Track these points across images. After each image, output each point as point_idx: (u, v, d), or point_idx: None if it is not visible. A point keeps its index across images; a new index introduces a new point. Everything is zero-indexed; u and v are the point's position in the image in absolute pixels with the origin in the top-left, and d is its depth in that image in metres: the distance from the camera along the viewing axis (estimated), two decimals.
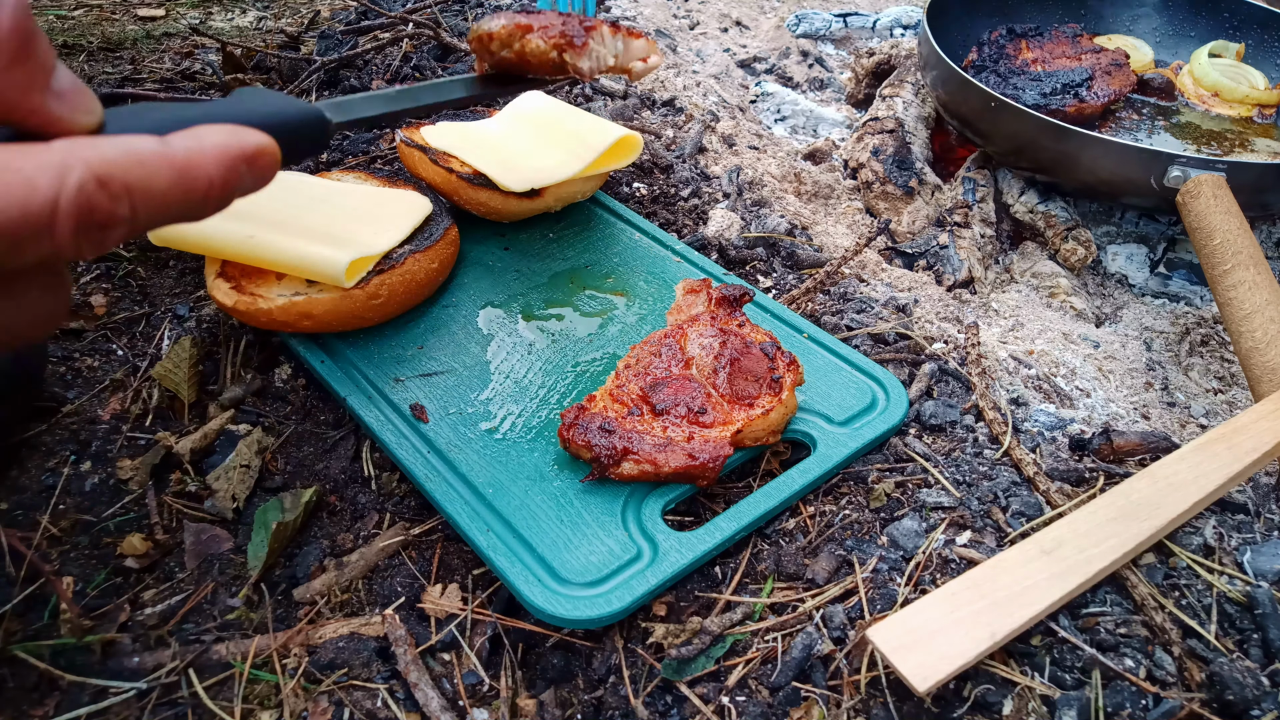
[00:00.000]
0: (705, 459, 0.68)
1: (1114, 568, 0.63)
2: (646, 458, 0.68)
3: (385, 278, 0.82)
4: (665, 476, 0.69)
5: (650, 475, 0.68)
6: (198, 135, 0.38)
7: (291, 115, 0.48)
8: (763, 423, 0.72)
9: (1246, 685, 0.58)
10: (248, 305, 0.79)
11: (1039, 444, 0.79)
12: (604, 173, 1.01)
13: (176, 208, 0.37)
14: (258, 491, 0.75)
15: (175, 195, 0.36)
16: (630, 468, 0.68)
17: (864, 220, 1.20)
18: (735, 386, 0.74)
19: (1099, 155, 1.03)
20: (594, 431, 0.69)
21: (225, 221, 0.79)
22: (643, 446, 0.69)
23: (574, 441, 0.69)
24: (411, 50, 1.45)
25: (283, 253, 0.80)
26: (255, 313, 0.79)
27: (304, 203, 0.87)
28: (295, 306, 0.79)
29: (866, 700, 0.59)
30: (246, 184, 0.40)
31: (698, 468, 0.68)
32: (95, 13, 1.73)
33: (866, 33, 1.69)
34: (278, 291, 0.81)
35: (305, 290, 0.81)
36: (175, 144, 0.37)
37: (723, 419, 0.72)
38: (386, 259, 0.83)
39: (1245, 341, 0.81)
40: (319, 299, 0.80)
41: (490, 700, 0.61)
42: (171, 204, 0.36)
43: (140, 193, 0.35)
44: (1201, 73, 1.33)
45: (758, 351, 0.76)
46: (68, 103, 0.36)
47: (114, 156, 0.34)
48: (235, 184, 0.39)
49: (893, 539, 0.69)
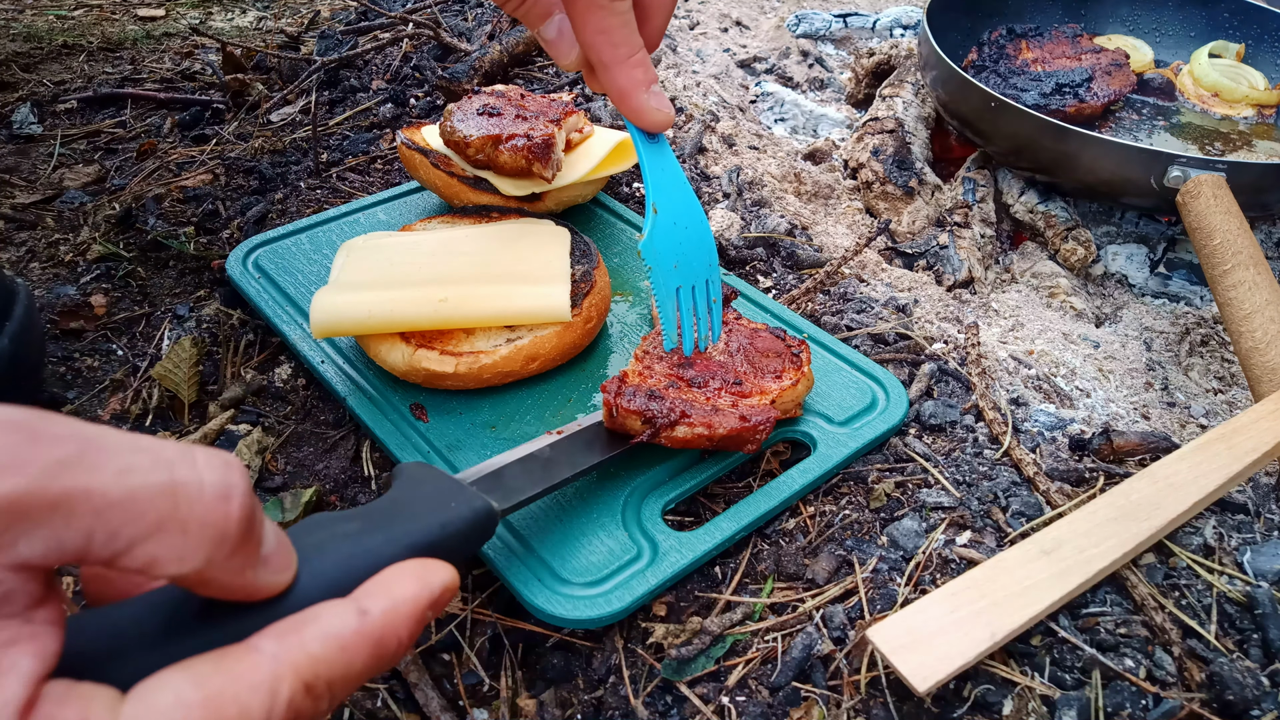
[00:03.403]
0: (757, 421, 0.69)
1: (1114, 568, 0.63)
2: (701, 421, 0.69)
3: (589, 299, 0.81)
4: (717, 440, 0.69)
5: (702, 439, 0.69)
6: (390, 592, 0.37)
7: (465, 519, 0.47)
8: (792, 393, 0.74)
9: (1246, 685, 0.58)
10: (470, 366, 0.76)
11: (1039, 444, 0.79)
12: (605, 176, 1.01)
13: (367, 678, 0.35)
14: (258, 491, 0.75)
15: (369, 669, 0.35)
16: (685, 431, 0.68)
17: (864, 220, 1.20)
18: (756, 365, 0.76)
19: (1099, 155, 1.03)
20: (643, 398, 0.69)
21: (401, 291, 0.77)
22: (695, 411, 0.69)
23: (623, 409, 0.68)
24: (411, 50, 1.45)
25: (491, 307, 0.77)
26: (478, 371, 0.76)
27: (463, 254, 0.83)
28: (521, 352, 0.77)
29: (866, 700, 0.59)
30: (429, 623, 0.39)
31: (750, 429, 0.69)
32: (95, 13, 1.73)
33: (866, 33, 1.69)
34: (480, 345, 0.78)
35: (518, 334, 0.78)
36: (373, 611, 0.35)
37: (758, 390, 0.74)
38: (578, 281, 0.83)
39: (1245, 341, 0.81)
40: (544, 337, 0.78)
41: (490, 700, 0.61)
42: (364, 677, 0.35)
43: (340, 681, 0.34)
44: (1201, 73, 1.33)
45: (766, 334, 0.79)
46: (271, 568, 0.34)
47: (319, 653, 0.33)
48: (420, 631, 0.38)
49: (893, 539, 0.69)
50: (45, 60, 1.50)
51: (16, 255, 1.01)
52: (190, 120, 1.30)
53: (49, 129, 1.29)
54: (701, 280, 0.74)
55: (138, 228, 1.03)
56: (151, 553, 0.29)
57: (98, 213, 1.06)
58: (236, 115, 1.32)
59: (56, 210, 1.10)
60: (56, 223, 1.07)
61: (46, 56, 1.51)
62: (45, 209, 1.10)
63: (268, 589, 0.34)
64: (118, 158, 1.22)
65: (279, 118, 1.31)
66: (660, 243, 0.71)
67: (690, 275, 0.73)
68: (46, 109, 1.34)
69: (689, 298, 0.74)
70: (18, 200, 1.12)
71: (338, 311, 0.76)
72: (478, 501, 0.48)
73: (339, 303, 0.76)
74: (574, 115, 1.01)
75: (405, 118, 1.28)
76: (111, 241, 1.01)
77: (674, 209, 0.72)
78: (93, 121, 1.31)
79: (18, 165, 1.20)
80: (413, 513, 0.44)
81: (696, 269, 0.74)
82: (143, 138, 1.26)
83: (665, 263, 0.72)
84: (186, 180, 1.14)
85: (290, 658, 0.32)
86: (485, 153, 0.92)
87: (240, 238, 1.02)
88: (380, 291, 0.77)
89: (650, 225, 0.71)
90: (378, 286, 0.78)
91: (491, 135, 0.91)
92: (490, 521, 0.50)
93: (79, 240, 1.02)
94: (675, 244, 0.72)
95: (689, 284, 0.74)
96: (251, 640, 0.33)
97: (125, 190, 1.12)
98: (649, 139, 0.70)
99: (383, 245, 0.84)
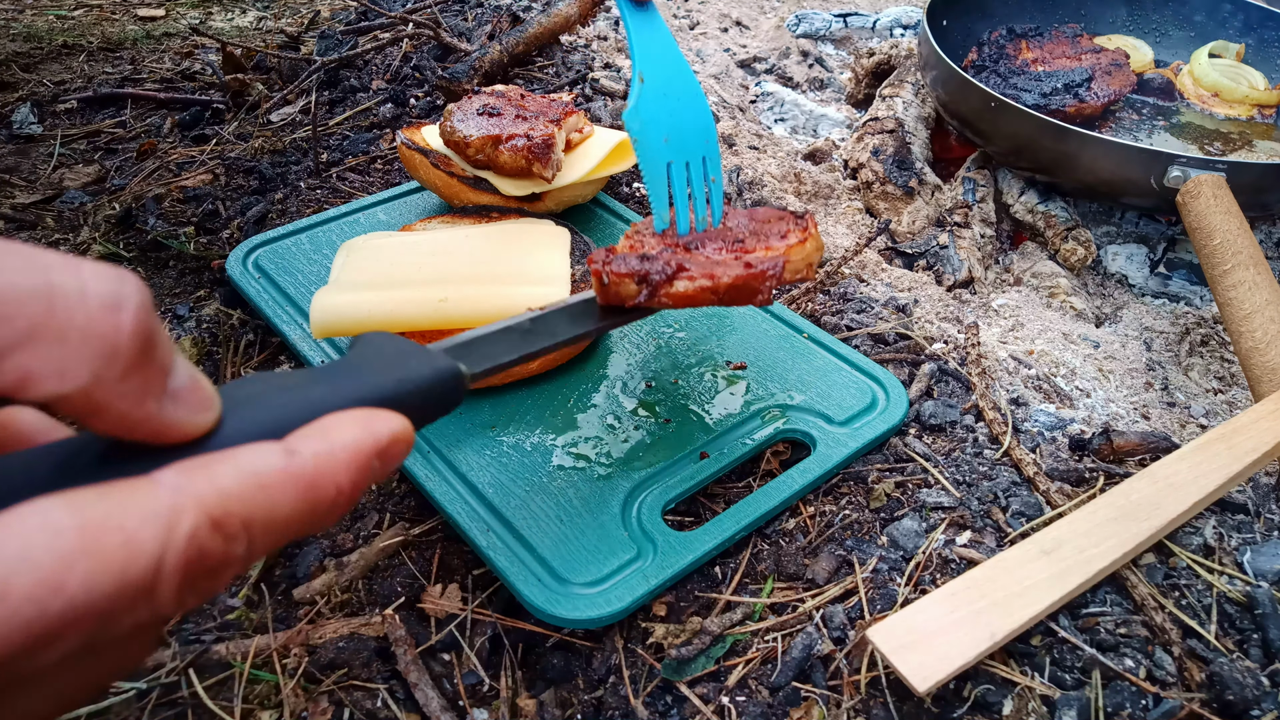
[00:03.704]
0: (765, 267, 0.63)
1: (1114, 568, 0.63)
2: (702, 273, 0.62)
3: None
4: (724, 291, 0.62)
5: (706, 292, 0.62)
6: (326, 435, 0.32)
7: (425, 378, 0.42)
8: (801, 250, 0.67)
9: (1246, 685, 0.58)
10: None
11: (1039, 444, 0.79)
12: (605, 176, 1.01)
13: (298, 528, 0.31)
14: None
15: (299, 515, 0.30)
16: (685, 285, 0.62)
17: (864, 220, 1.20)
18: (759, 232, 0.70)
19: (1099, 155, 1.03)
20: (635, 260, 0.62)
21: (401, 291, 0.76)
22: (694, 265, 0.63)
23: (614, 273, 0.62)
24: (411, 50, 1.45)
25: (491, 308, 0.76)
26: None
27: (463, 254, 0.83)
28: None
29: (866, 700, 0.59)
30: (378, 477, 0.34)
31: (758, 275, 0.62)
32: (95, 13, 1.73)
33: (866, 33, 1.69)
34: None
35: None
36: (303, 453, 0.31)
37: (764, 247, 0.67)
38: (578, 282, 0.82)
39: (1245, 341, 0.81)
40: None
41: (490, 700, 0.61)
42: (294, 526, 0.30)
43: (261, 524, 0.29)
44: (1201, 73, 1.33)
45: (766, 209, 0.73)
46: (184, 404, 0.30)
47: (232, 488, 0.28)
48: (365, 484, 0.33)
49: (893, 539, 0.69)
50: (45, 60, 1.50)
51: None
52: (190, 120, 1.30)
53: (49, 129, 1.29)
54: (697, 157, 0.68)
55: (138, 228, 1.03)
56: (24, 365, 0.25)
57: (98, 213, 1.06)
58: (236, 115, 1.32)
59: (56, 210, 1.10)
60: (56, 223, 1.07)
61: (46, 56, 1.51)
62: (45, 209, 1.10)
63: (180, 428, 0.30)
64: (118, 158, 1.22)
65: (279, 118, 1.31)
66: (647, 113, 0.66)
67: (684, 151, 0.67)
68: (46, 109, 1.34)
69: (683, 174, 0.68)
70: (18, 200, 1.12)
71: (338, 311, 0.76)
72: (442, 362, 0.44)
73: (339, 303, 0.76)
74: (574, 115, 1.01)
75: (405, 118, 1.28)
76: (111, 241, 1.01)
77: (664, 78, 0.66)
78: (93, 121, 1.31)
79: (18, 165, 1.20)
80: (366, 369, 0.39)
81: (691, 144, 0.68)
82: (143, 138, 1.26)
83: (653, 135, 0.66)
84: (186, 180, 1.14)
85: (195, 489, 0.28)
86: (485, 153, 0.92)
87: (240, 238, 1.02)
88: (380, 291, 0.77)
89: (636, 94, 0.65)
90: (378, 286, 0.78)
91: (491, 135, 0.92)
92: (456, 384, 0.45)
93: (79, 240, 1.02)
94: (665, 115, 0.66)
95: (682, 160, 0.68)
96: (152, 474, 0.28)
97: (125, 190, 1.12)
98: (636, 4, 0.66)
99: (383, 245, 0.84)
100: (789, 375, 0.82)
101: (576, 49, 1.45)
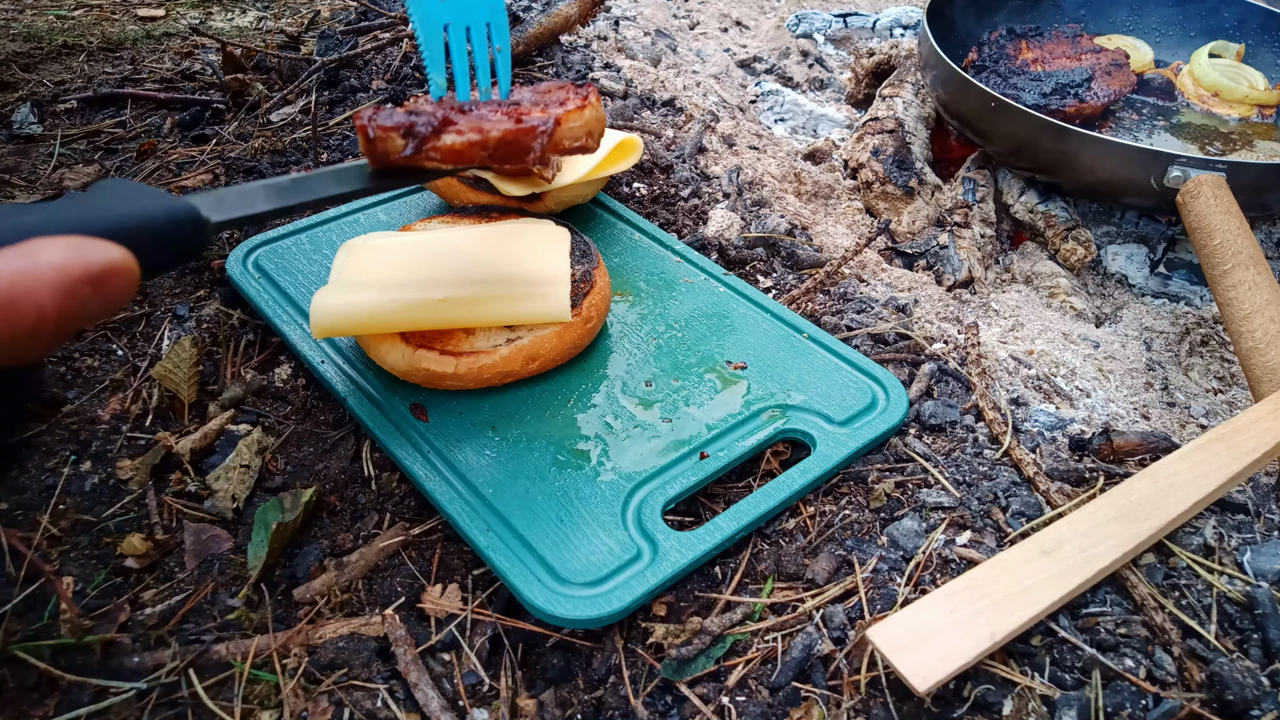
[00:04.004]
0: (535, 123, 0.63)
1: (1114, 568, 0.63)
2: (471, 127, 0.62)
3: (589, 299, 0.81)
4: (494, 147, 0.63)
5: (475, 147, 0.62)
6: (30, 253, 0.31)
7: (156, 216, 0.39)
8: (578, 117, 0.67)
9: (1246, 685, 0.58)
10: (470, 366, 0.76)
11: (1039, 444, 0.79)
12: (605, 176, 1.01)
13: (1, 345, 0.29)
14: (258, 491, 0.75)
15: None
16: (453, 139, 0.62)
17: (864, 220, 1.20)
18: (539, 101, 0.69)
19: (1099, 155, 1.03)
20: (402, 114, 0.61)
21: (401, 291, 0.76)
22: (463, 120, 0.63)
23: (380, 126, 0.61)
24: (411, 50, 1.45)
25: (491, 308, 0.76)
26: (479, 371, 0.76)
27: (463, 254, 0.83)
28: (521, 352, 0.77)
29: (866, 700, 0.59)
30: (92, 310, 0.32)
31: (527, 132, 0.63)
32: (95, 13, 1.73)
33: (866, 33, 1.69)
34: (481, 344, 0.77)
35: (518, 334, 0.78)
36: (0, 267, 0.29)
37: (540, 112, 0.67)
38: (577, 281, 0.82)
39: (1245, 341, 0.81)
40: (544, 338, 0.77)
41: (490, 700, 0.61)
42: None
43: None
44: (1201, 73, 1.33)
45: (549, 82, 0.72)
46: None
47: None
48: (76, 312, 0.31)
49: (893, 539, 0.69)
50: (45, 60, 1.50)
51: None
52: (190, 120, 1.30)
53: (49, 129, 1.29)
54: (480, 21, 0.66)
55: None
56: None
57: None
58: (236, 115, 1.32)
59: None
60: None
61: (46, 56, 1.51)
62: None
63: None
64: (118, 158, 1.22)
65: (279, 118, 1.31)
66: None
67: (464, 13, 0.65)
68: (46, 109, 1.34)
69: (463, 41, 0.66)
70: (18, 200, 1.12)
71: (338, 311, 0.76)
72: (176, 203, 0.41)
73: (339, 303, 0.76)
74: None
75: None
76: None
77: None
78: (93, 121, 1.31)
79: (18, 165, 1.20)
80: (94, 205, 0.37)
81: (474, 6, 0.66)
82: (143, 138, 1.26)
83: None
84: (186, 180, 1.14)
85: None
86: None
87: (240, 238, 1.02)
88: (380, 291, 0.77)
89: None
90: (378, 286, 0.78)
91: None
92: (194, 227, 0.42)
93: None
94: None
95: (462, 24, 0.66)
96: None
97: None
98: None
99: (383, 245, 0.84)
100: (789, 375, 0.82)
101: (576, 49, 1.45)
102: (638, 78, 1.38)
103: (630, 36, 1.52)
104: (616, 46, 1.49)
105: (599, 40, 1.49)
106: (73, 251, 0.32)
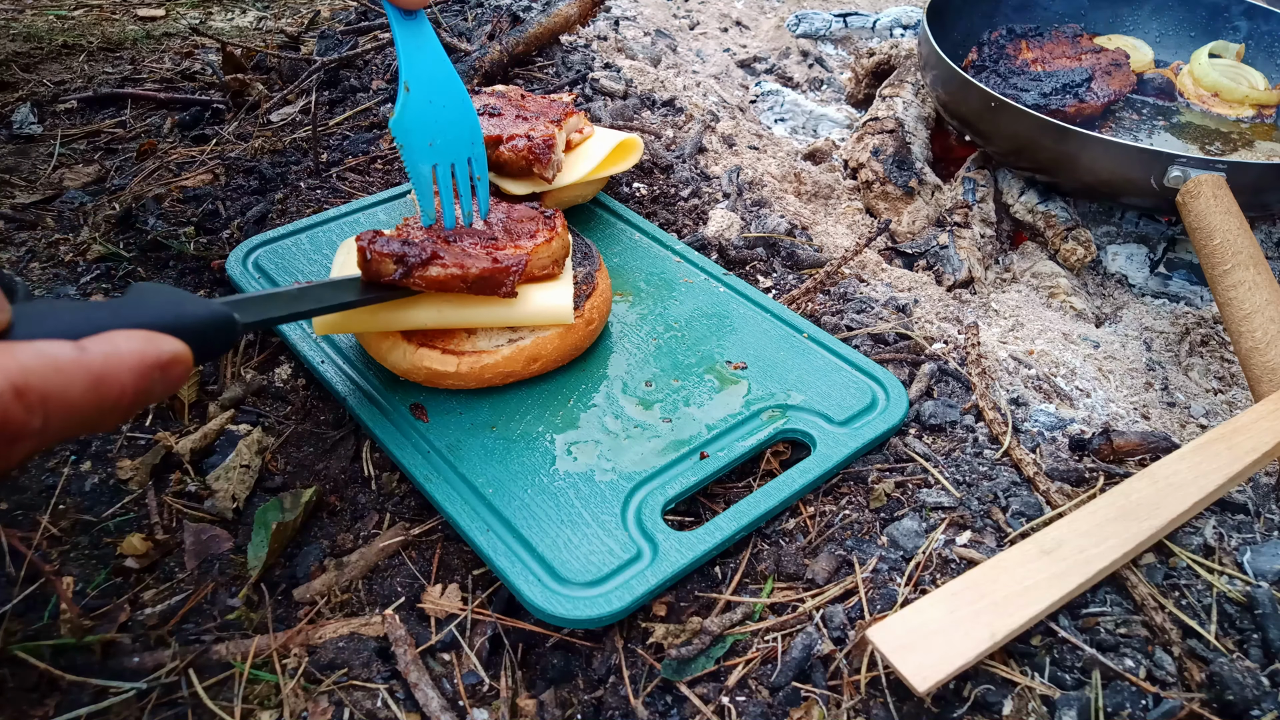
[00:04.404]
0: (509, 263, 0.74)
1: (1114, 568, 0.63)
2: (454, 262, 0.72)
3: (591, 301, 0.81)
4: (472, 280, 0.73)
5: (456, 280, 0.72)
6: (113, 341, 0.37)
7: (203, 318, 0.49)
8: (546, 249, 0.78)
9: (1246, 685, 0.58)
10: (472, 365, 0.76)
11: (1039, 444, 0.79)
12: (605, 176, 1.01)
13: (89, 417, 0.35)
14: (258, 491, 0.75)
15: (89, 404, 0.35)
16: (438, 270, 0.71)
17: (864, 220, 1.20)
18: (512, 230, 0.80)
19: (1099, 155, 1.03)
20: (397, 244, 0.72)
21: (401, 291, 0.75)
22: (448, 254, 0.73)
23: (376, 252, 0.71)
24: None
25: (493, 310, 0.77)
26: (480, 370, 0.76)
27: None
28: (523, 353, 0.77)
29: (866, 700, 0.59)
30: (158, 391, 0.40)
31: (502, 270, 0.73)
32: (95, 13, 1.73)
33: (866, 33, 1.69)
34: (482, 344, 0.77)
35: (520, 335, 0.78)
36: (92, 350, 0.36)
37: (514, 247, 0.78)
38: (580, 283, 0.82)
39: (1245, 341, 0.81)
40: (546, 338, 0.78)
41: (490, 700, 0.61)
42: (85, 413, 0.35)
43: (56, 402, 0.33)
44: (1201, 73, 1.33)
45: (522, 207, 0.83)
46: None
47: (32, 365, 0.33)
48: (147, 391, 0.38)
49: (893, 539, 0.69)
50: (45, 60, 1.50)
51: (16, 255, 1.01)
52: (190, 120, 1.30)
53: (49, 129, 1.29)
54: (462, 158, 0.76)
55: (138, 228, 1.03)
56: None
57: (98, 213, 1.06)
58: (236, 115, 1.32)
59: (56, 210, 1.10)
60: (56, 223, 1.07)
61: (46, 56, 1.51)
62: (45, 209, 1.10)
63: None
64: (118, 158, 1.22)
65: (279, 118, 1.31)
66: (412, 120, 0.73)
67: (449, 153, 0.75)
68: (46, 109, 1.34)
69: (448, 176, 0.76)
70: (18, 200, 1.12)
71: None
72: (217, 306, 0.50)
73: None
74: (574, 116, 1.01)
75: None
76: (111, 241, 1.01)
77: (429, 87, 0.73)
78: (93, 121, 1.31)
79: (18, 165, 1.20)
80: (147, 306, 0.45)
81: (456, 147, 0.75)
82: (143, 138, 1.26)
83: (418, 140, 0.74)
84: (186, 180, 1.14)
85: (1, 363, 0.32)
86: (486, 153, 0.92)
87: (240, 238, 1.02)
88: None
89: (401, 103, 0.72)
90: None
91: (492, 135, 0.92)
92: (230, 326, 0.51)
93: (79, 240, 1.02)
94: (430, 122, 0.74)
95: (447, 161, 0.75)
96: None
97: (125, 190, 1.12)
98: (405, 15, 0.71)
99: None
100: (789, 375, 0.82)
101: (576, 49, 1.45)
102: (638, 78, 1.38)
103: (630, 36, 1.52)
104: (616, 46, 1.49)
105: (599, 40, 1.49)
106: (147, 342, 0.39)
